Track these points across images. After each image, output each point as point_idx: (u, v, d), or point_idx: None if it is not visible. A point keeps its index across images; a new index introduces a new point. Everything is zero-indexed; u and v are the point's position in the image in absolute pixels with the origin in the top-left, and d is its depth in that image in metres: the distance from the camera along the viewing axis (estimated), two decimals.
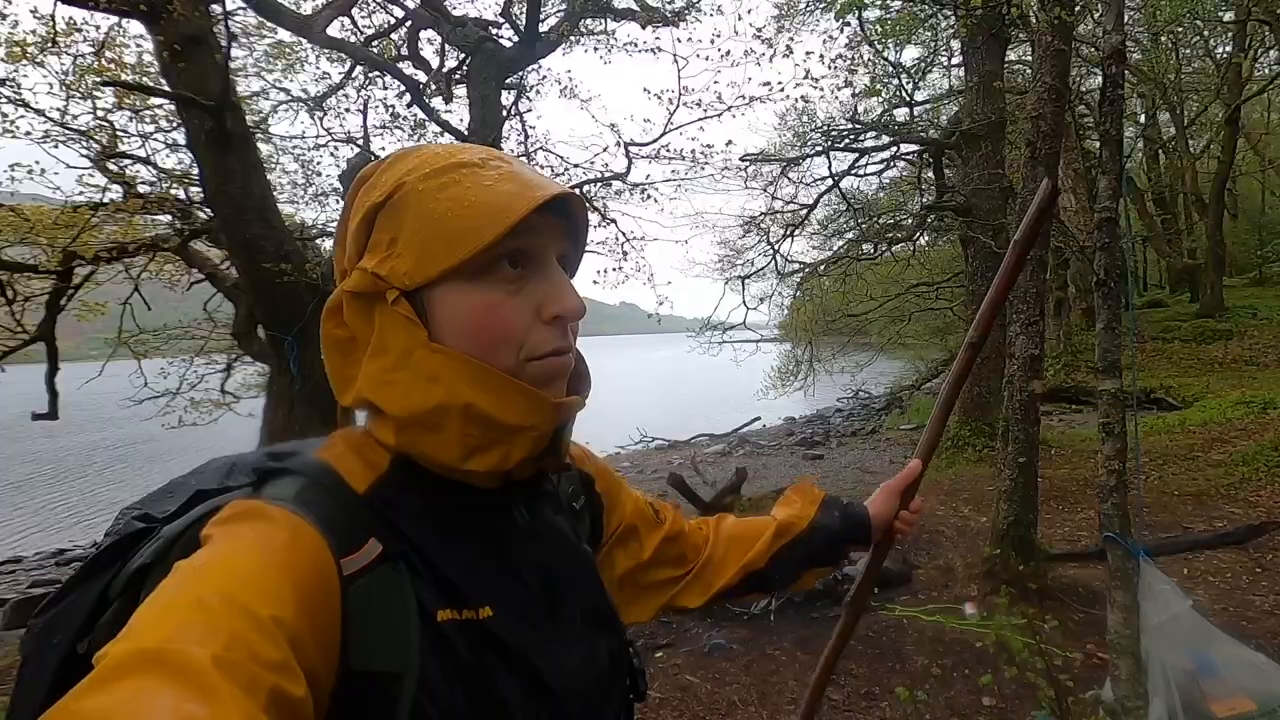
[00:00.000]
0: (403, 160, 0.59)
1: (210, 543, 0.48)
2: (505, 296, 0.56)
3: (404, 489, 0.56)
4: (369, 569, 0.51)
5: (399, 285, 0.55)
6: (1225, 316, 14.86)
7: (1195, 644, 2.02)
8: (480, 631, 0.54)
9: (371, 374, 0.56)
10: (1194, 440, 7.34)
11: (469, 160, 0.57)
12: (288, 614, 0.44)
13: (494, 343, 0.55)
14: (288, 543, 0.48)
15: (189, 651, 0.38)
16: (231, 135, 5.98)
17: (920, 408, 14.09)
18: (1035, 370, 3.83)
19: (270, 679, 0.40)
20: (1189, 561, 4.47)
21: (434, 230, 0.54)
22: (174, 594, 0.43)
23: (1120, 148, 2.03)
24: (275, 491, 0.53)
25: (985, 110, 8.16)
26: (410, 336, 0.55)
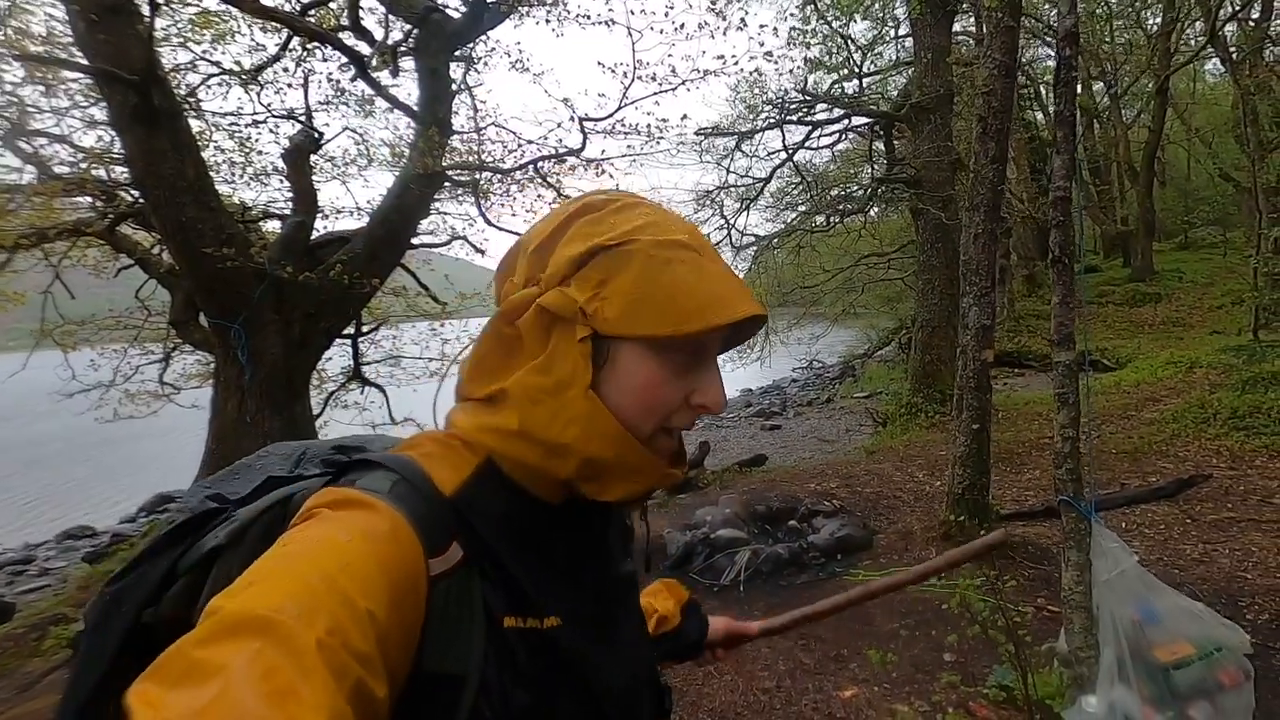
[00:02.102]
0: (636, 212, 0.61)
1: (319, 520, 0.49)
2: (672, 375, 0.59)
3: (486, 495, 0.58)
4: (452, 572, 0.52)
5: (596, 326, 0.57)
6: (1155, 280, 15.64)
7: (1141, 596, 2.15)
8: (542, 640, 0.55)
9: (525, 384, 0.58)
10: (1129, 400, 7.75)
11: (693, 244, 0.60)
12: (381, 610, 0.45)
13: (647, 410, 0.58)
14: (389, 537, 0.49)
15: (296, 627, 0.40)
16: (159, 111, 5.65)
17: (872, 375, 14.48)
18: (988, 340, 3.97)
19: (358, 671, 0.42)
20: (1127, 516, 4.75)
21: (653, 295, 0.56)
22: (286, 566, 0.45)
23: (1074, 128, 2.09)
24: (369, 483, 0.54)
25: (934, 83, 8.30)
26: (575, 372, 0.57)
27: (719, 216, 11.57)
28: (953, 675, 2.78)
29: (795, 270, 14.12)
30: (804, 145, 10.10)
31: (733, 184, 10.94)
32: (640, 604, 0.72)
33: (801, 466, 7.36)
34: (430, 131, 6.60)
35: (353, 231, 7.22)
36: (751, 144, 10.73)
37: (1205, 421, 6.30)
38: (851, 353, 17.04)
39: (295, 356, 6.44)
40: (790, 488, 5.96)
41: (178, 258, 6.20)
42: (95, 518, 9.71)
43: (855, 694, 2.86)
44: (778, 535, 5.03)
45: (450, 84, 7.37)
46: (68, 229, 7.59)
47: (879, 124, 9.52)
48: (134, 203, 7.60)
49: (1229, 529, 4.39)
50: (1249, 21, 12.33)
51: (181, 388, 9.00)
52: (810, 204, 11.46)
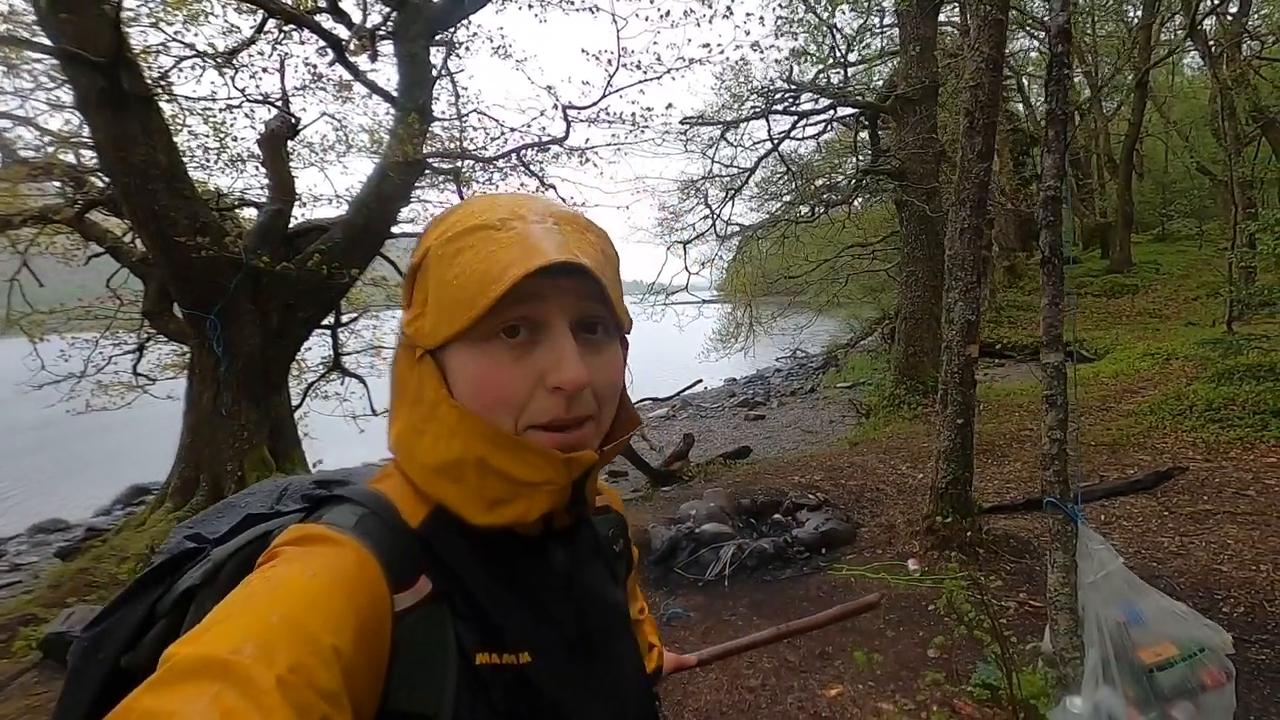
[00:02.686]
0: (445, 218, 0.59)
1: (282, 560, 0.49)
2: (506, 363, 0.55)
3: (453, 528, 0.56)
4: (419, 606, 0.51)
5: (422, 344, 0.57)
6: (1132, 272, 15.85)
7: (1126, 598, 2.16)
8: (517, 677, 0.54)
9: (409, 421, 0.58)
10: (1107, 391, 7.84)
11: (488, 221, 0.56)
12: (346, 645, 0.45)
13: (491, 407, 0.55)
14: (355, 572, 0.49)
15: (253, 668, 0.39)
16: (128, 95, 5.47)
17: (855, 366, 14.56)
18: (972, 335, 3.97)
19: (323, 708, 0.41)
20: (1106, 508, 4.81)
21: (444, 297, 0.55)
22: (244, 608, 0.44)
23: (1066, 126, 2.06)
24: (334, 518, 0.54)
25: (919, 75, 8.28)
26: (436, 390, 0.56)
27: (704, 206, 11.53)
28: (937, 674, 2.79)
29: (780, 260, 14.13)
30: (789, 135, 10.05)
31: (718, 174, 10.89)
32: (632, 632, 0.69)
33: (785, 458, 7.38)
34: (410, 118, 6.46)
35: (331, 220, 7.08)
36: (736, 133, 10.68)
37: (1181, 414, 6.40)
38: (835, 343, 17.11)
39: (273, 347, 6.32)
40: (775, 481, 5.97)
41: (151, 246, 6.03)
42: (68, 511, 9.50)
43: (840, 692, 2.86)
44: (762, 529, 5.04)
45: (430, 69, 7.21)
46: (34, 215, 7.37)
47: (864, 115, 9.49)
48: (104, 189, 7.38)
49: (1205, 521, 4.46)
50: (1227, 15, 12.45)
51: (156, 379, 8.80)
52: (795, 194, 11.44)
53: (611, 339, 0.60)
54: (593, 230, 0.60)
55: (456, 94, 8.06)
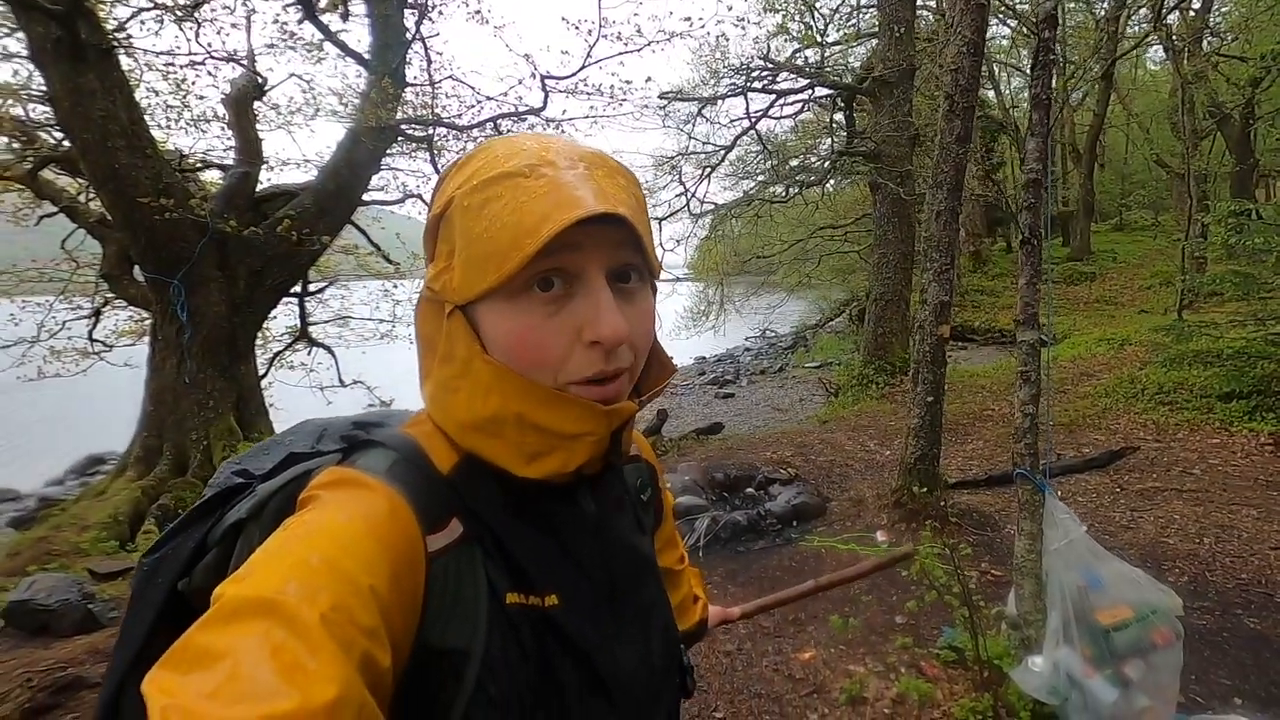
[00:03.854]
0: (466, 165, 0.57)
1: (317, 505, 0.50)
2: (542, 319, 0.54)
3: (483, 473, 0.57)
4: (451, 549, 0.53)
5: (452, 300, 0.56)
6: (1091, 259, 16.35)
7: (1087, 564, 2.28)
8: (544, 619, 0.55)
9: (440, 379, 0.58)
10: (1065, 374, 8.13)
11: (515, 169, 0.53)
12: (383, 585, 0.46)
13: (529, 365, 0.54)
14: (386, 515, 0.50)
15: (299, 606, 0.41)
16: (86, 46, 5.23)
17: (823, 345, 14.79)
18: (945, 316, 4.08)
19: (364, 643, 0.43)
20: (1062, 485, 5.02)
21: (474, 251, 0.54)
22: (286, 549, 0.46)
23: (1049, 111, 2.13)
24: (368, 463, 0.55)
25: (896, 58, 8.34)
26: (469, 347, 0.56)
27: (678, 183, 11.50)
28: (905, 638, 2.91)
29: (752, 240, 14.20)
30: (766, 114, 10.07)
31: (694, 150, 10.86)
32: (660, 581, 0.68)
33: (757, 435, 7.50)
34: (383, 82, 6.30)
35: (300, 185, 6.88)
36: (714, 110, 10.65)
37: (1134, 396, 6.68)
38: (804, 323, 17.34)
39: (239, 315, 6.17)
40: (747, 456, 6.08)
41: (111, 207, 5.80)
42: (20, 480, 9.19)
43: (813, 656, 2.97)
44: (735, 502, 5.15)
45: (404, 32, 7.02)
46: None
47: (841, 96, 9.54)
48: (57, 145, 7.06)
49: (1154, 498, 4.69)
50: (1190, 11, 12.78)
51: (113, 345, 8.52)
52: (770, 174, 11.49)
53: (644, 286, 0.59)
54: (623, 174, 0.58)
55: (429, 59, 7.87)
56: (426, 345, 0.60)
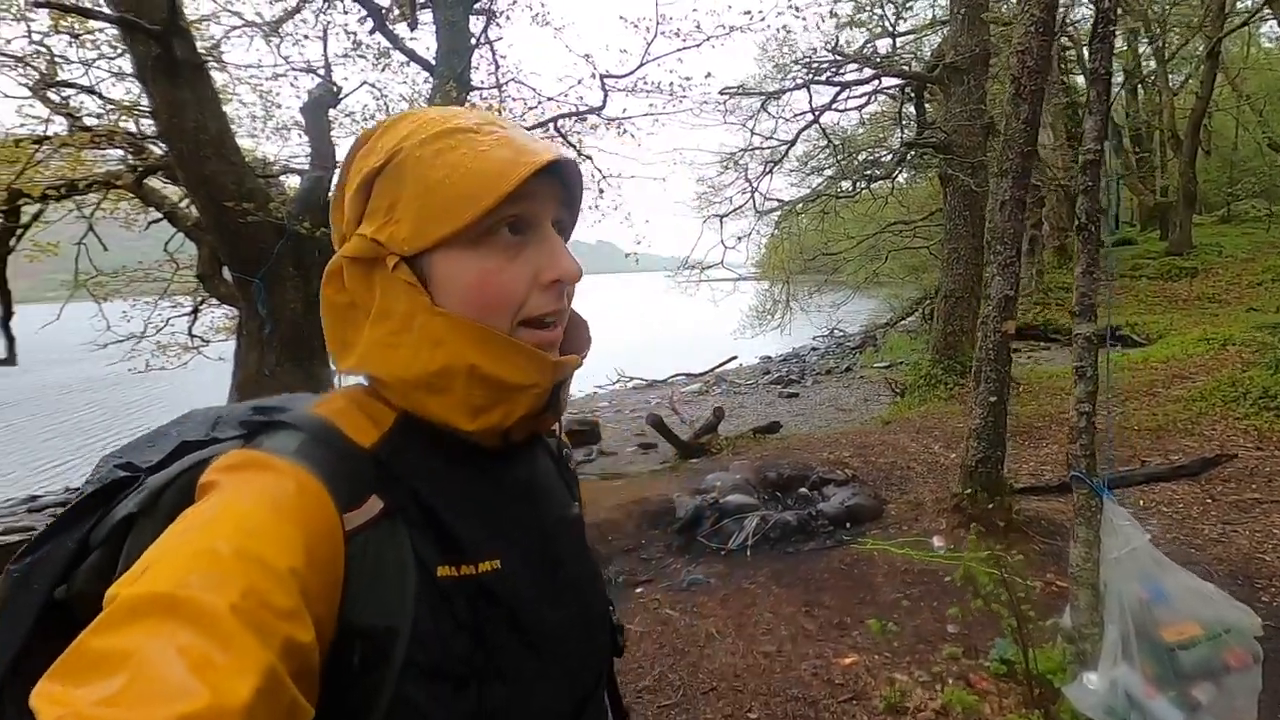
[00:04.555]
0: (399, 124, 0.58)
1: (216, 490, 0.48)
2: (504, 262, 0.56)
3: (410, 445, 0.57)
4: (370, 525, 0.51)
5: (399, 251, 0.55)
6: (1192, 254, 15.11)
7: (1150, 575, 2.12)
8: (479, 586, 0.55)
9: (375, 339, 0.57)
10: (1156, 376, 7.56)
11: (465, 125, 0.57)
12: (297, 564, 0.45)
13: (490, 307, 0.56)
14: (295, 495, 0.48)
15: (204, 598, 0.39)
16: (182, 63, 5.62)
17: (894, 345, 14.30)
18: (1009, 311, 3.87)
19: (283, 628, 0.41)
20: (1145, 493, 4.68)
21: (432, 197, 0.54)
22: (185, 541, 0.43)
23: (1109, 87, 1.98)
24: (275, 444, 0.53)
25: (969, 43, 7.96)
26: (412, 301, 0.55)
27: (743, 179, 11.37)
28: (955, 647, 2.79)
29: (819, 236, 13.89)
30: (831, 106, 9.80)
31: (757, 146, 10.71)
32: (589, 547, 0.71)
33: (816, 435, 7.33)
34: (447, 86, 6.51)
35: None
36: (778, 105, 10.46)
37: (1234, 400, 6.14)
38: (874, 322, 16.81)
39: (313, 312, 6.47)
40: (803, 455, 5.95)
41: (202, 211, 6.23)
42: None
43: (855, 661, 2.88)
44: (787, 502, 5.05)
45: (469, 37, 7.23)
46: (98, 181, 7.67)
47: (910, 86, 9.19)
48: (162, 156, 7.64)
49: (1251, 510, 4.30)
50: None
51: (210, 340, 9.17)
52: (837, 168, 11.19)
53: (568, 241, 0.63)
54: None
55: (496, 64, 8.08)
56: (346, 312, 0.59)
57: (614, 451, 8.40)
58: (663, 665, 3.03)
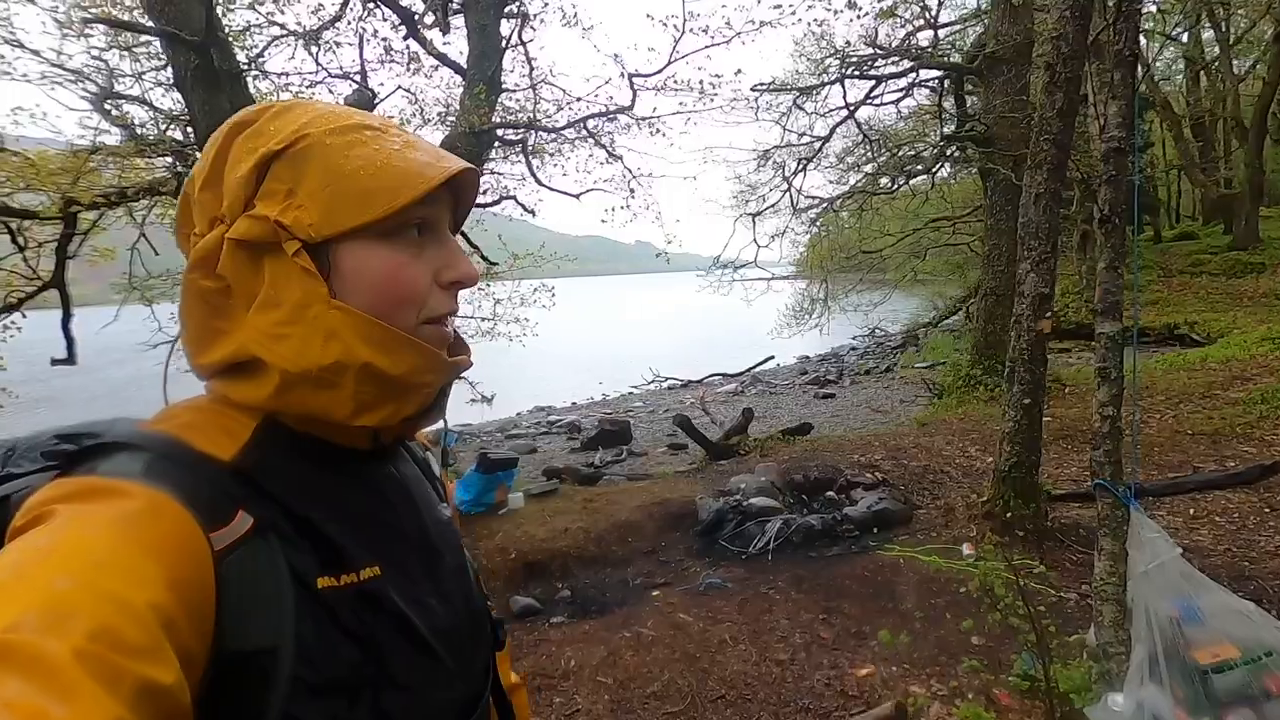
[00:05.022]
0: (295, 111, 0.57)
1: (53, 520, 0.42)
2: (410, 258, 0.56)
3: (276, 453, 0.54)
4: (240, 542, 0.48)
5: (303, 236, 0.53)
6: (1259, 249, 14.29)
7: (1181, 591, 1.97)
8: (362, 594, 0.53)
9: (260, 327, 0.53)
10: (1214, 377, 7.16)
11: (371, 124, 0.57)
12: (157, 597, 0.41)
13: (399, 301, 0.55)
14: (148, 519, 0.44)
15: (42, 644, 0.34)
16: (220, 73, 5.81)
17: (936, 346, 13.91)
18: (1044, 309, 3.69)
19: (136, 671, 0.37)
20: (1196, 501, 4.41)
21: (345, 186, 0.53)
22: (16, 578, 0.38)
23: (1134, 69, 1.85)
24: (115, 467, 0.47)
25: (1011, 31, 7.67)
26: (307, 291, 0.53)
27: (780, 177, 11.21)
28: (976, 661, 2.66)
29: (857, 234, 13.60)
30: (866, 101, 9.58)
31: (792, 143, 10.54)
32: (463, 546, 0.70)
33: (848, 436, 7.16)
34: (478, 89, 6.57)
35: None
36: (813, 101, 10.27)
37: None
38: (916, 321, 16.39)
39: None
40: (832, 458, 5.81)
41: None
42: None
43: (871, 673, 2.78)
44: (813, 506, 4.94)
45: (500, 40, 7.29)
46: (144, 188, 8.00)
47: (950, 77, 8.90)
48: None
49: None
50: None
51: None
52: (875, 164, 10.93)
53: None
54: None
55: (530, 65, 8.12)
56: (216, 300, 0.55)
57: (644, 452, 8.37)
58: (672, 671, 2.97)
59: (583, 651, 3.22)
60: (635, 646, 3.22)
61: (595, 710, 2.76)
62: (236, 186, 0.54)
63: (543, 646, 3.35)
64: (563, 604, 3.91)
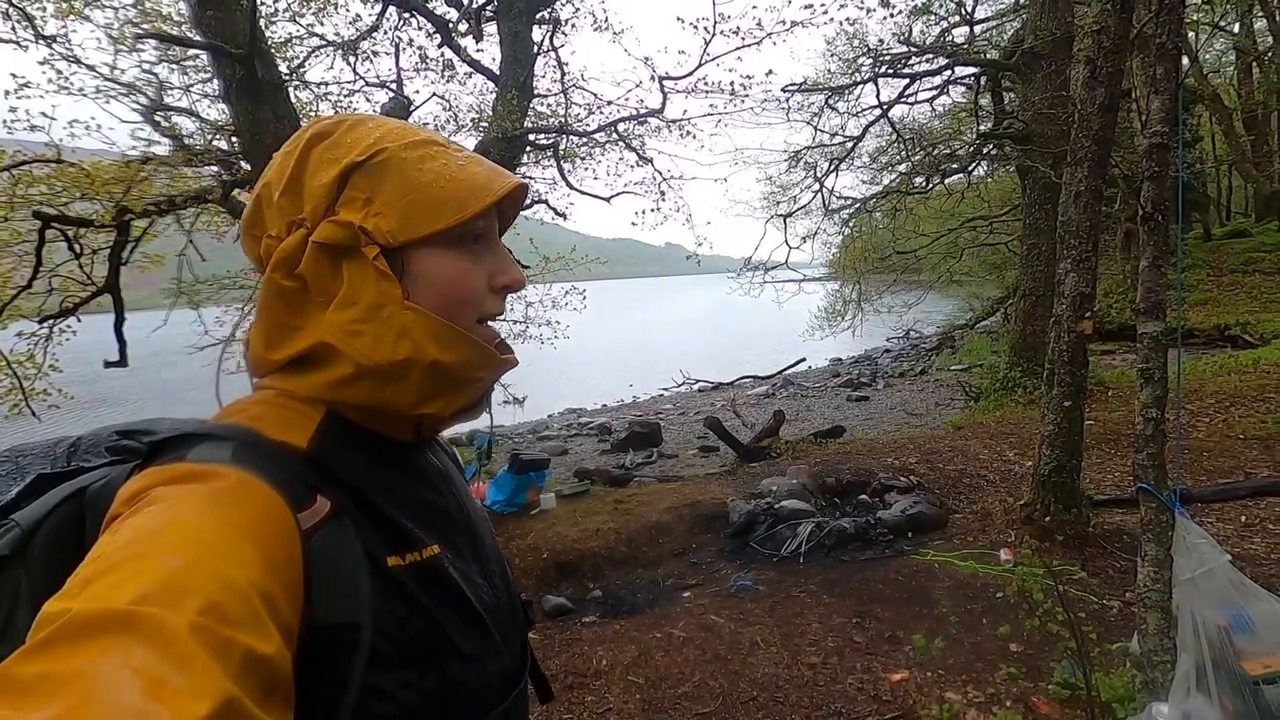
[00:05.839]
0: (369, 125, 0.61)
1: (158, 503, 0.46)
2: (471, 264, 0.61)
3: (339, 443, 0.58)
4: (322, 524, 0.52)
5: (381, 242, 0.58)
6: None
7: (1230, 600, 1.91)
8: (426, 571, 0.57)
9: (338, 324, 0.57)
10: (1267, 380, 6.88)
11: (438, 140, 0.63)
12: (256, 575, 0.44)
13: (461, 303, 0.60)
14: (244, 501, 0.47)
15: (162, 616, 0.37)
16: (263, 84, 5.98)
17: (973, 347, 13.62)
18: (1085, 309, 3.60)
19: (242, 643, 0.40)
20: (1248, 508, 4.25)
21: (420, 196, 0.58)
22: (133, 555, 0.41)
23: (1178, 63, 1.80)
24: (204, 454, 0.50)
25: (1050, 25, 7.49)
26: (382, 292, 0.57)
27: (811, 177, 11.10)
28: (1015, 668, 2.61)
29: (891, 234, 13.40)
30: (900, 100, 9.43)
31: (824, 144, 10.43)
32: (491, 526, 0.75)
33: (881, 439, 7.06)
34: (510, 94, 6.65)
35: None
36: (846, 100, 10.15)
37: None
38: (952, 323, 16.08)
39: None
40: (866, 461, 5.74)
41: None
42: None
43: (905, 678, 2.74)
44: (846, 509, 4.89)
45: (532, 46, 7.37)
46: (191, 196, 8.29)
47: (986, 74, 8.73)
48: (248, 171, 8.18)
49: None
50: None
51: None
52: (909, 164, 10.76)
53: None
54: None
55: (562, 70, 8.20)
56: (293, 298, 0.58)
57: (674, 454, 8.36)
58: (703, 672, 2.98)
59: (614, 651, 3.23)
60: (666, 647, 3.23)
61: (627, 709, 2.77)
62: (319, 193, 0.58)
63: (575, 645, 3.38)
64: (594, 604, 3.93)
